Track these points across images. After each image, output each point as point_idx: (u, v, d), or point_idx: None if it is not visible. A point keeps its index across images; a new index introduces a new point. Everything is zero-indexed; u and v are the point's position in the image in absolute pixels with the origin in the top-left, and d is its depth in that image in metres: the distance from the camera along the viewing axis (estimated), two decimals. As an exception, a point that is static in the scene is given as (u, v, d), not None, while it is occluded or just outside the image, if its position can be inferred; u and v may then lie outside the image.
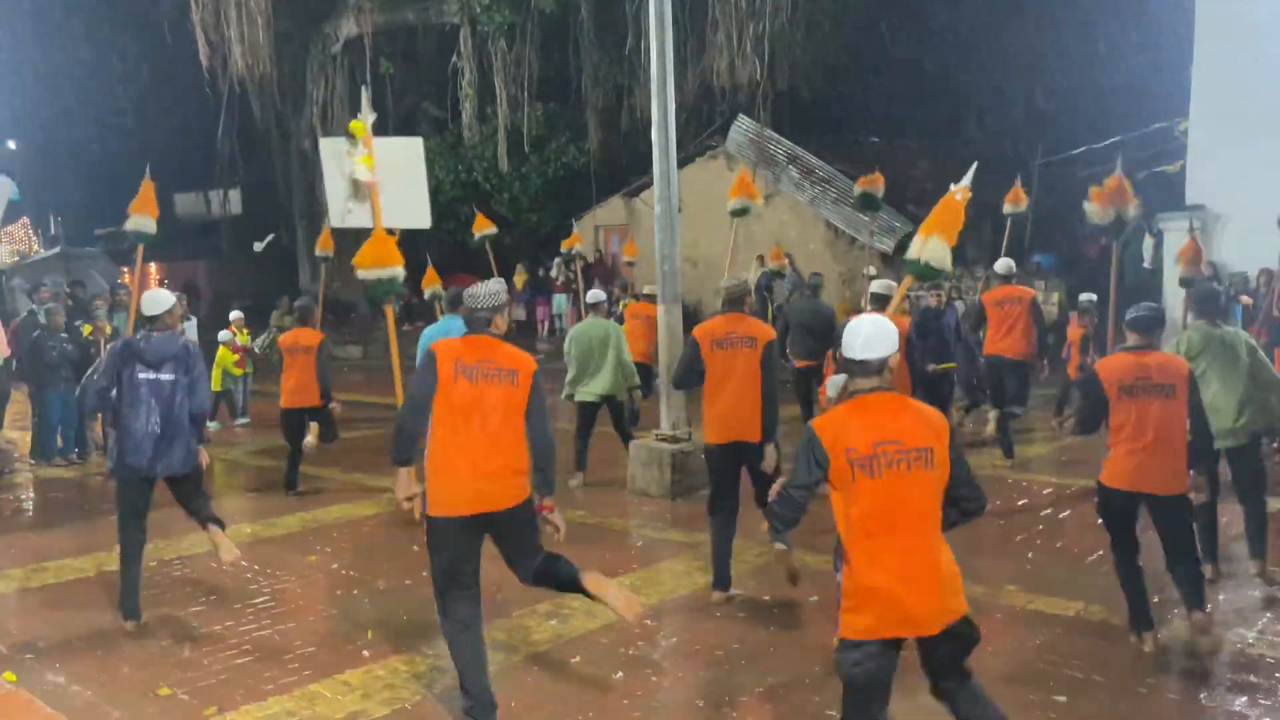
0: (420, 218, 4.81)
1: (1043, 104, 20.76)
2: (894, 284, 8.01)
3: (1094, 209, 8.38)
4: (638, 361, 9.03)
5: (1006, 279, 9.27)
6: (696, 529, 7.23)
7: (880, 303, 7.22)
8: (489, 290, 4.18)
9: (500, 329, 4.19)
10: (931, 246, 4.30)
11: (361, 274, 4.78)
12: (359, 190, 4.83)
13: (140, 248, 8.29)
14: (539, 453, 4.17)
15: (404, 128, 23.54)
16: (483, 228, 13.33)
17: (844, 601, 3.22)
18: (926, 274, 4.38)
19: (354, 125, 5.07)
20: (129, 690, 4.65)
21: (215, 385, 12.47)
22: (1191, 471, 5.05)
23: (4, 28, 24.47)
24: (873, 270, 15.21)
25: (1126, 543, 4.97)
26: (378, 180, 4.85)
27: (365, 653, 5.06)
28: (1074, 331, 11.47)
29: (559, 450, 4.46)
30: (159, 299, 5.58)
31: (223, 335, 12.66)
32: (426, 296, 11.84)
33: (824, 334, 9.31)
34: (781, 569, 3.66)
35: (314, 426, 8.54)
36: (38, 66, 25.54)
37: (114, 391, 5.41)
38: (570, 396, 8.71)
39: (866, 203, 7.54)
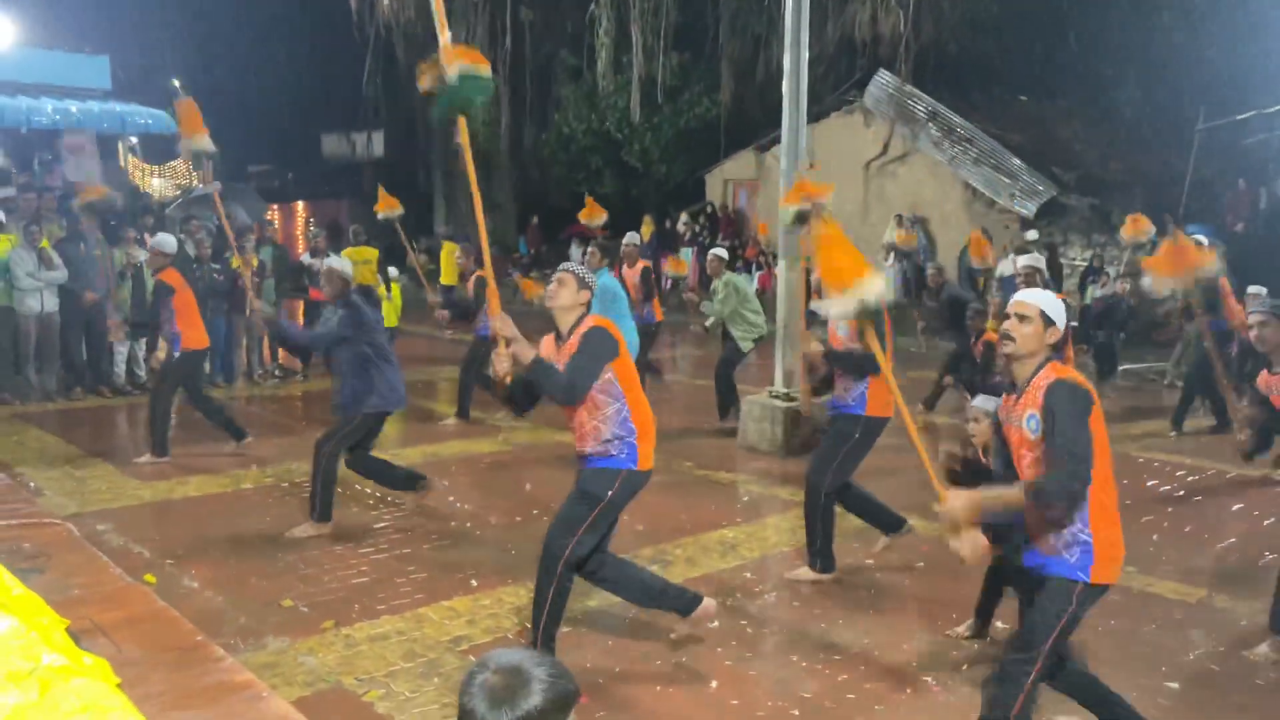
0: None
1: (1209, 63, 19.38)
2: (1040, 258, 7.75)
3: None
4: None
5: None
6: (801, 486, 7.19)
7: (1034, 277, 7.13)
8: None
9: None
10: (859, 290, 3.53)
11: (449, 75, 4.29)
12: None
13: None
14: None
15: (541, 75, 23.80)
16: (593, 215, 11.12)
17: None
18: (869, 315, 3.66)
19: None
20: (255, 599, 4.97)
21: (390, 322, 13.01)
22: None
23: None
24: (1033, 234, 14.56)
25: None
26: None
27: (473, 582, 5.26)
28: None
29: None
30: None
31: (392, 271, 13.08)
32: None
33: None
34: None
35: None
36: (197, 7, 26.77)
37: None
38: None
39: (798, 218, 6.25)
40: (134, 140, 19.85)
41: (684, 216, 21.35)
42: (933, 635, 4.68)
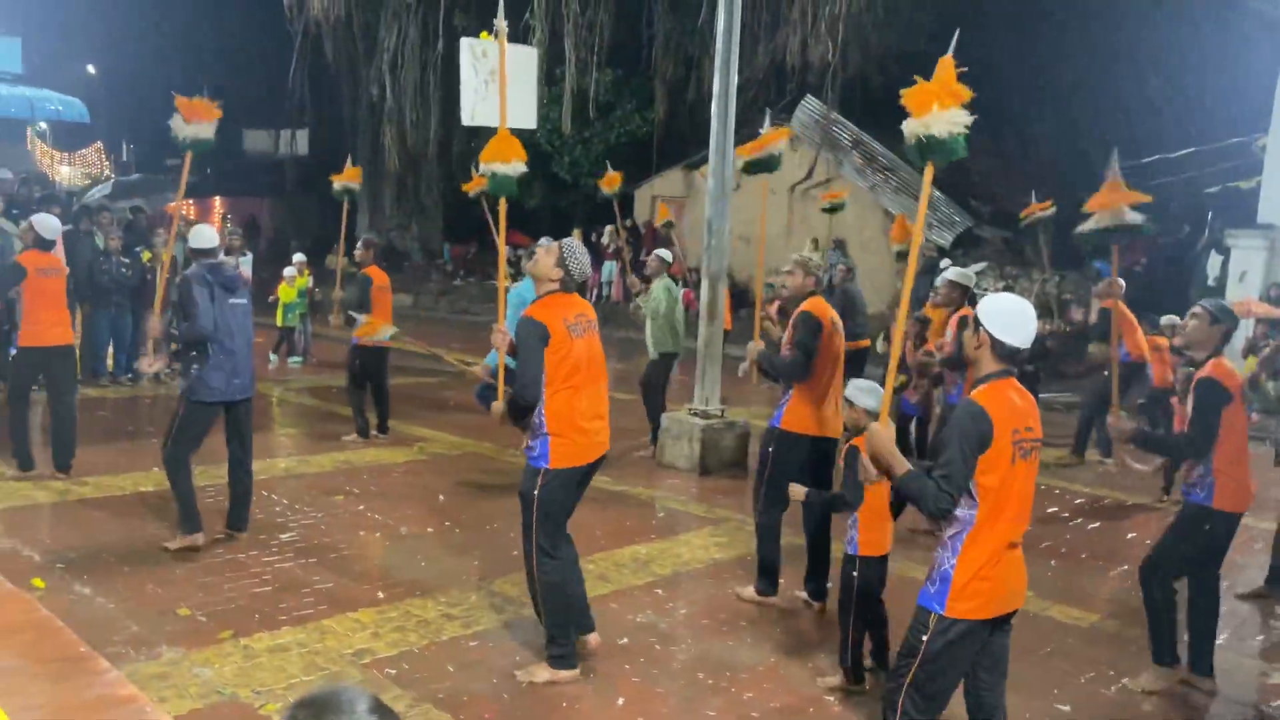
0: (529, 119, 5.19)
1: (1120, 108, 20.20)
2: (970, 274, 7.71)
3: None
4: None
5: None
6: (719, 505, 7.26)
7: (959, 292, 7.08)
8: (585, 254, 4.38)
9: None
10: (942, 117, 3.32)
11: (484, 168, 4.84)
12: (489, 89, 5.07)
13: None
14: None
15: (472, 82, 23.62)
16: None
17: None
18: (929, 153, 3.35)
19: (496, 29, 5.19)
20: (150, 607, 4.81)
21: (279, 321, 12.76)
22: None
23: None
24: (947, 262, 14.99)
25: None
26: (506, 81, 5.00)
27: (380, 594, 5.17)
28: (1158, 340, 9.89)
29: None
30: (212, 235, 5.87)
31: (287, 271, 12.88)
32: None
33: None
34: None
35: None
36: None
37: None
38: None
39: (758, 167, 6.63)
40: (43, 126, 19.17)
41: (609, 230, 21.40)
42: (835, 655, 4.74)
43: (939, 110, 3.36)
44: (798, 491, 4.66)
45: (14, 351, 7.02)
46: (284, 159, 29.32)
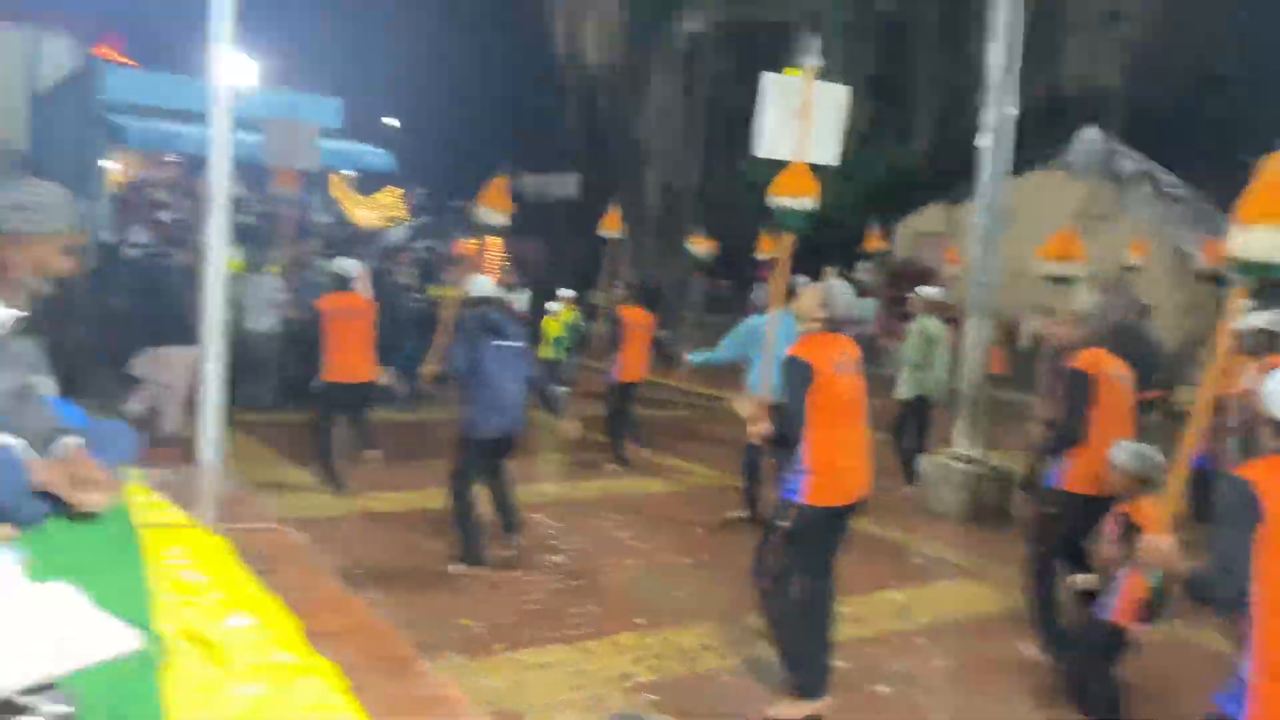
0: (833, 155, 5.28)
1: None
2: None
3: None
4: None
5: None
6: (980, 554, 6.96)
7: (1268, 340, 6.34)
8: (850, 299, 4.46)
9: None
10: (1256, 238, 3.07)
11: (772, 200, 5.04)
12: (789, 124, 5.24)
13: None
14: None
15: (734, 121, 24.17)
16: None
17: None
18: (1256, 274, 3.15)
19: (804, 66, 5.42)
20: (435, 615, 5.23)
21: (543, 354, 13.54)
22: None
23: (393, 18, 27.83)
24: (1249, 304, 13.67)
25: None
26: (809, 116, 5.18)
27: (639, 620, 5.35)
28: None
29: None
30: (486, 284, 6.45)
31: (552, 306, 13.65)
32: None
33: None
34: None
35: None
36: (417, 53, 28.79)
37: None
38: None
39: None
40: (349, 173, 21.32)
41: (867, 268, 21.08)
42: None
43: (1264, 226, 3.10)
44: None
45: (319, 384, 7.82)
46: (554, 201, 31.09)
